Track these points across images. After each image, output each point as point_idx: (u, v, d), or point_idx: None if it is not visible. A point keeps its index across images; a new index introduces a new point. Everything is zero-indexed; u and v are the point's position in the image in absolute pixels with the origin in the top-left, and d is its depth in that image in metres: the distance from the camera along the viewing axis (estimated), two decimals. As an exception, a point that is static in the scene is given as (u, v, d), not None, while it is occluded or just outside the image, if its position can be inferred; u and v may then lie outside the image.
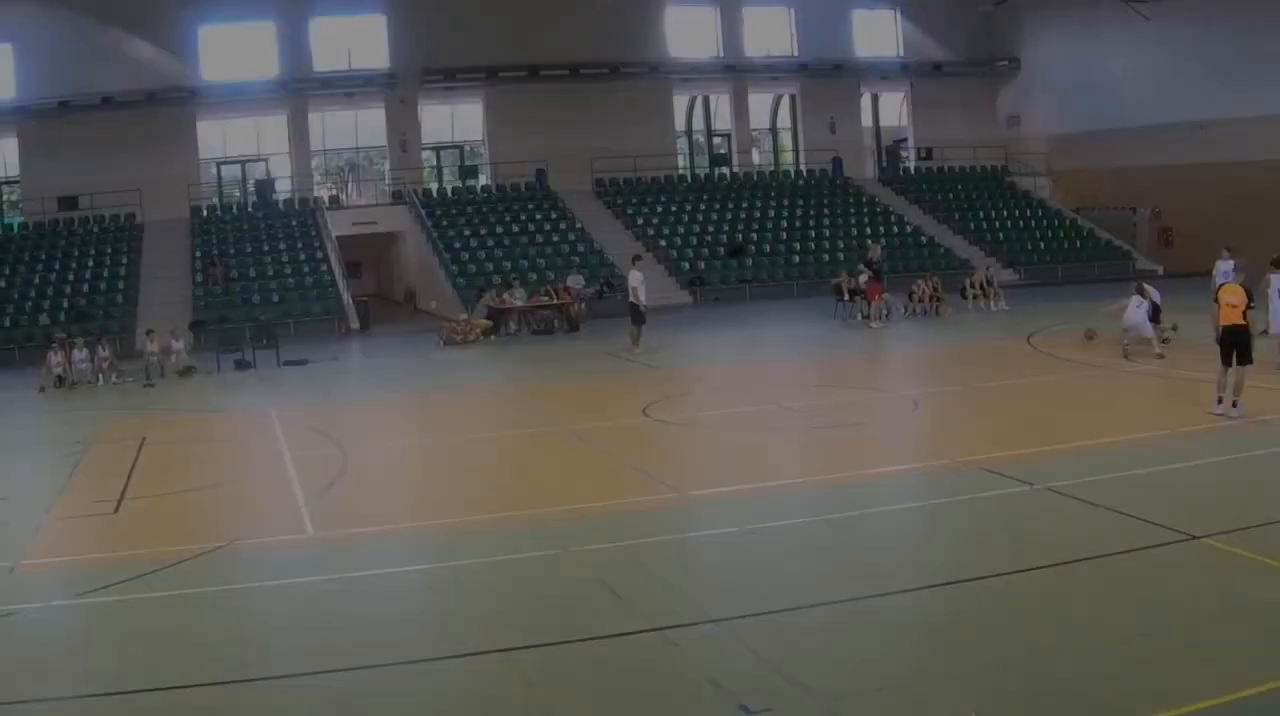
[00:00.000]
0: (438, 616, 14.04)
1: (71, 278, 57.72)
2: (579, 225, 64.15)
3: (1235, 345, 22.17)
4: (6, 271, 58.22)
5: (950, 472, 19.53)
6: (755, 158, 78.82)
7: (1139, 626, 12.11)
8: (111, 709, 11.79)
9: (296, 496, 20.66)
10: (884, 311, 43.88)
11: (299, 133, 68.95)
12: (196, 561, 16.47)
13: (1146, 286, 32.64)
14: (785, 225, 66.41)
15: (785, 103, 79.05)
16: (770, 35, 75.76)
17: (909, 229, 67.45)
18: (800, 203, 69.50)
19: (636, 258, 44.47)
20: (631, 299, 39.93)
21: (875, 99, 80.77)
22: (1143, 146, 63.88)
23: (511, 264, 57.80)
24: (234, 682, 12.07)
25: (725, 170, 75.55)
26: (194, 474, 23.56)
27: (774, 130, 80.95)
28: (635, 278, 40.17)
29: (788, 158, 79.42)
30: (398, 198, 66.47)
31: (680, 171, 74.94)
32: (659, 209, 67.54)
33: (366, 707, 11.46)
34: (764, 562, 15.37)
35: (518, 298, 50.61)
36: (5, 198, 70.67)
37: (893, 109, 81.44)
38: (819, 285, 55.26)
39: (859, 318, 44.30)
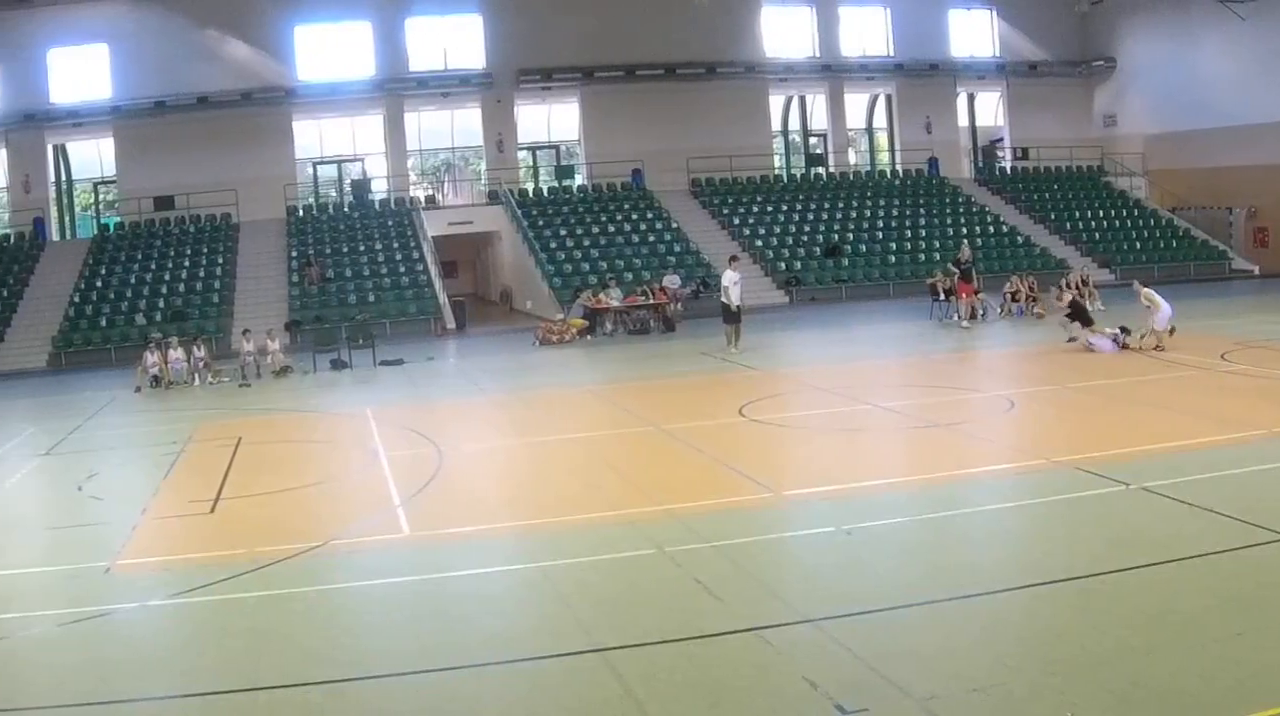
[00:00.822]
0: (534, 616, 13.99)
1: (168, 278, 58.41)
2: (675, 225, 64.17)
3: None
4: (103, 271, 59.08)
5: (1046, 472, 19.34)
6: (851, 158, 78.66)
7: (1237, 626, 11.89)
8: (209, 708, 11.85)
9: (392, 496, 20.75)
10: (980, 311, 43.67)
11: (395, 132, 69.47)
12: (292, 561, 16.59)
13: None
14: (881, 225, 66.28)
15: (881, 102, 78.99)
16: (866, 35, 75.74)
17: (1005, 228, 67.11)
18: (896, 203, 69.42)
19: (733, 258, 44.35)
20: (723, 299, 39.87)
21: (971, 99, 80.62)
22: (1239, 146, 63.35)
23: (607, 264, 57.91)
24: (330, 682, 12.10)
25: (821, 170, 75.56)
26: (290, 474, 23.73)
27: (870, 130, 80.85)
28: (728, 277, 40.12)
29: (884, 158, 79.42)
30: (494, 198, 66.76)
31: (776, 171, 75.11)
32: (755, 209, 67.52)
33: (463, 708, 11.45)
34: (860, 562, 15.28)
35: (613, 297, 50.62)
36: (102, 198, 71.65)
37: (988, 109, 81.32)
38: (915, 285, 55.07)
39: (954, 318, 44.00)
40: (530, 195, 68.49)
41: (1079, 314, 33.50)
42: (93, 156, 70.60)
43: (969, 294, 43.12)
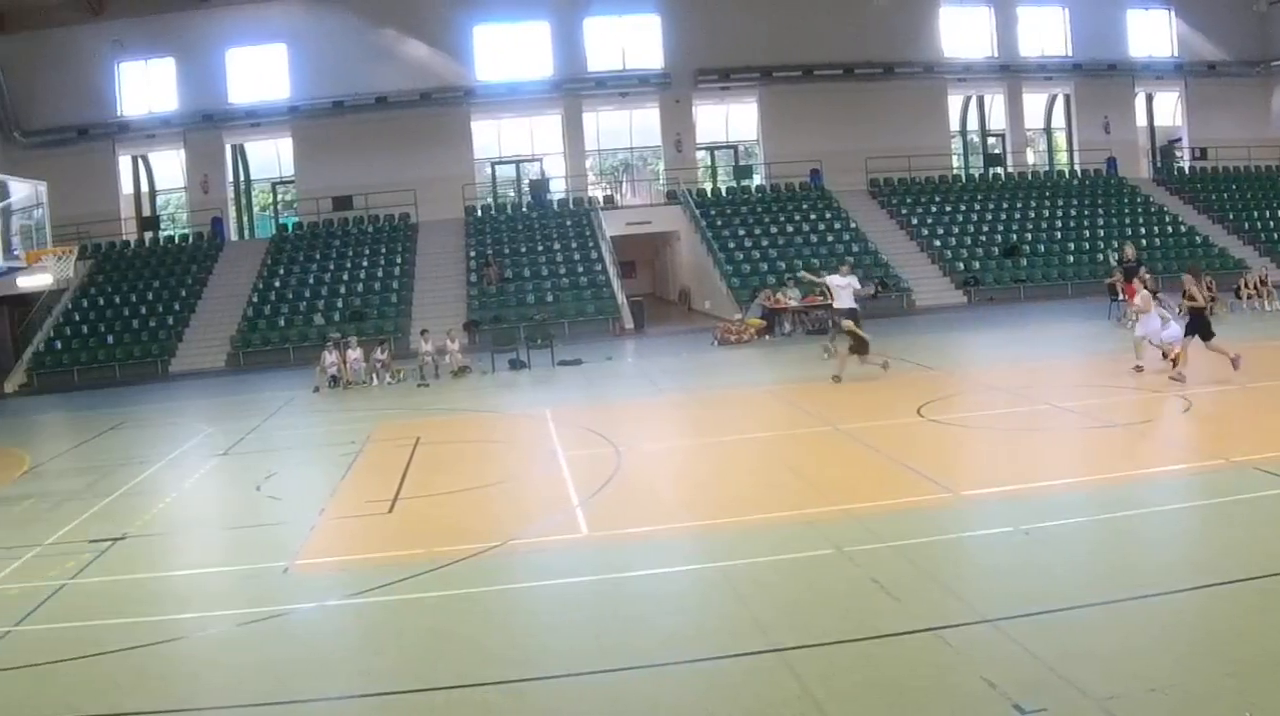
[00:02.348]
0: (712, 616, 13.88)
1: (346, 278, 59.31)
2: (853, 225, 63.91)
3: None
4: (281, 271, 60.15)
5: (1224, 472, 18.88)
6: (1029, 157, 78.25)
7: None
8: (386, 709, 11.91)
9: (571, 496, 20.77)
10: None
11: (573, 132, 70.01)
12: (470, 561, 16.65)
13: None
14: (1059, 225, 65.48)
15: (1059, 102, 78.24)
16: (1044, 35, 75.19)
17: (1183, 229, 65.94)
18: (1074, 203, 68.61)
19: (843, 264, 44.17)
20: (837, 303, 39.73)
21: (1149, 98, 79.67)
22: None
23: (786, 264, 57.70)
24: (508, 683, 12.12)
25: (999, 170, 75.04)
26: (468, 474, 23.87)
27: (1048, 130, 79.94)
28: (832, 280, 39.90)
29: (1062, 158, 78.67)
30: (672, 198, 66.96)
31: (955, 171, 74.78)
32: (933, 209, 67.12)
33: (640, 708, 11.40)
34: (1038, 562, 15.04)
35: (792, 297, 50.45)
36: (280, 198, 72.84)
37: (1167, 108, 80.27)
38: (1094, 285, 54.40)
39: (1120, 317, 43.29)
40: (709, 195, 68.59)
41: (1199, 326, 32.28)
42: (271, 156, 72.01)
43: (1135, 295, 42.45)
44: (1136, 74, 76.35)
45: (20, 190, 25.72)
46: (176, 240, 67.94)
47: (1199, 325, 28.79)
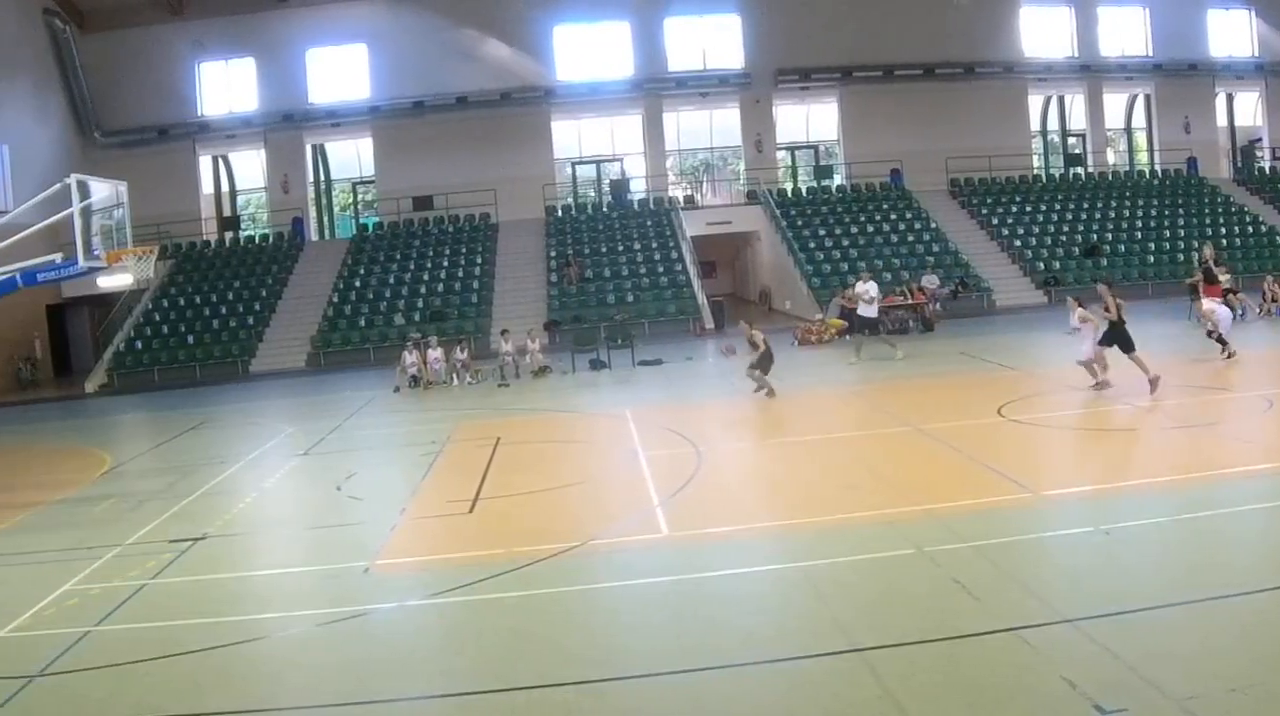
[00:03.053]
0: (792, 617, 13.89)
1: (426, 278, 59.60)
2: (934, 225, 63.70)
3: None
4: (361, 271, 60.52)
5: (1306, 473, 18.73)
6: (1110, 157, 78.07)
7: None
8: (466, 709, 11.94)
9: (651, 496, 20.78)
10: (1239, 311, 42.46)
11: (653, 132, 70.14)
12: (551, 561, 16.68)
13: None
14: (1140, 225, 64.98)
15: (1140, 102, 77.86)
16: (1124, 34, 74.81)
17: (1264, 229, 65.19)
18: (1155, 203, 68.02)
19: (866, 271, 44.07)
20: (862, 312, 39.73)
21: (1230, 98, 79.25)
22: None
23: (866, 264, 57.54)
24: (588, 683, 12.14)
25: (1080, 170, 74.63)
26: (549, 473, 23.91)
27: (1128, 130, 79.46)
28: (858, 290, 39.93)
29: (1142, 157, 78.23)
30: (752, 198, 66.93)
31: (1035, 171, 74.43)
32: (1014, 209, 66.74)
33: (721, 708, 11.43)
34: (1118, 562, 14.98)
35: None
36: (360, 197, 73.26)
37: (1247, 109, 79.76)
38: (1174, 285, 54.02)
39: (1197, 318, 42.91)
40: (789, 195, 68.57)
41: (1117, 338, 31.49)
42: (351, 156, 72.53)
43: (1215, 295, 42.07)
44: (1217, 74, 75.91)
45: (101, 190, 25.87)
46: (257, 240, 68.65)
47: (1116, 337, 28.66)
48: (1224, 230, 64.30)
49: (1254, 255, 60.34)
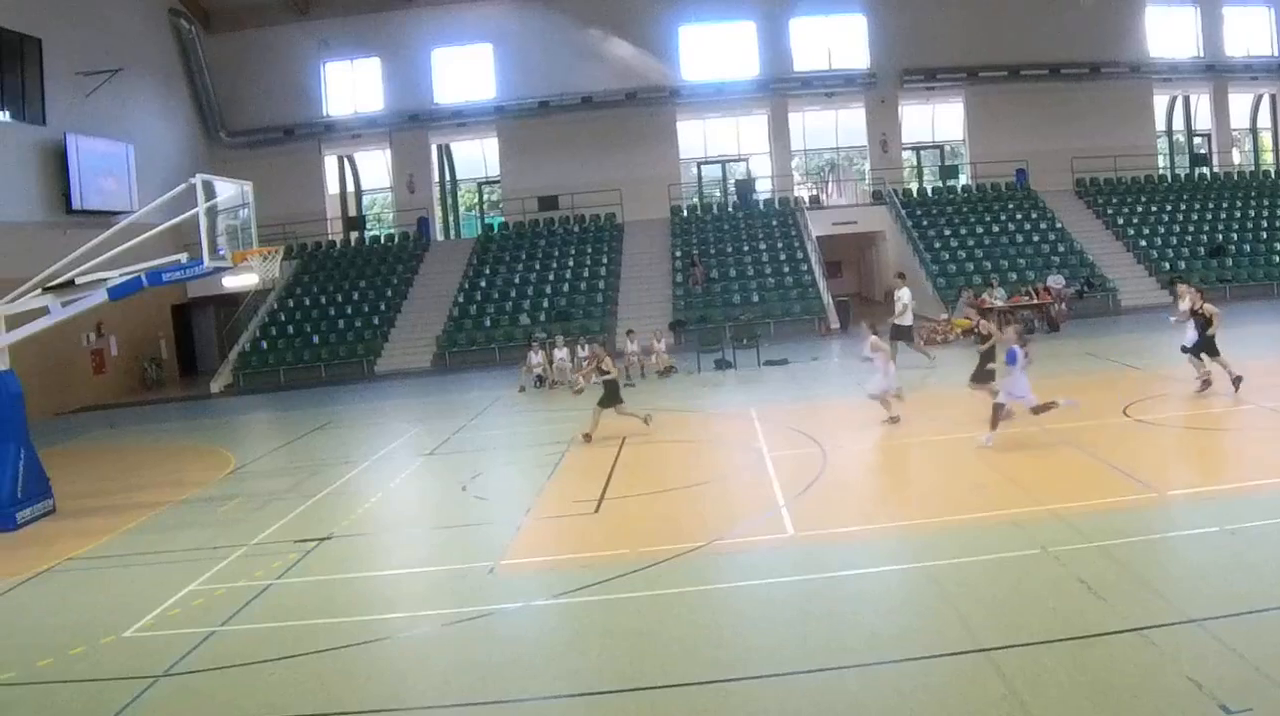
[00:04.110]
0: (918, 616, 13.93)
1: (551, 278, 59.81)
2: (1059, 225, 63.00)
3: None
4: (487, 271, 60.83)
5: None
6: (1235, 158, 76.70)
7: None
8: (592, 709, 12.03)
9: (777, 496, 20.79)
10: None
11: (779, 132, 69.98)
12: (676, 561, 16.72)
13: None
14: (1265, 225, 63.72)
15: (1265, 102, 76.57)
16: (1250, 34, 73.64)
17: (1390, 230, 63.71)
18: (1280, 203, 66.61)
19: (901, 275, 43.59)
20: (900, 321, 39.49)
21: (1357, 98, 77.29)
22: None
23: (991, 264, 57.09)
24: (714, 683, 12.20)
25: (1205, 170, 73.41)
26: (674, 473, 24.01)
27: (1254, 130, 78.15)
28: (906, 295, 39.66)
29: (1268, 158, 77.02)
30: (877, 198, 66.58)
31: (1160, 171, 73.22)
32: (1139, 209, 65.73)
33: (846, 708, 11.45)
34: (1244, 562, 14.85)
35: (997, 297, 49.95)
36: (486, 197, 73.59)
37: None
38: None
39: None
40: (914, 195, 68.25)
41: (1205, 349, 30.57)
42: (476, 156, 72.86)
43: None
44: (1344, 74, 74.50)
45: (226, 190, 26.18)
46: (382, 240, 69.18)
47: (1204, 341, 28.21)
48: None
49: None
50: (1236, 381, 27.39)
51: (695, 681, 12.22)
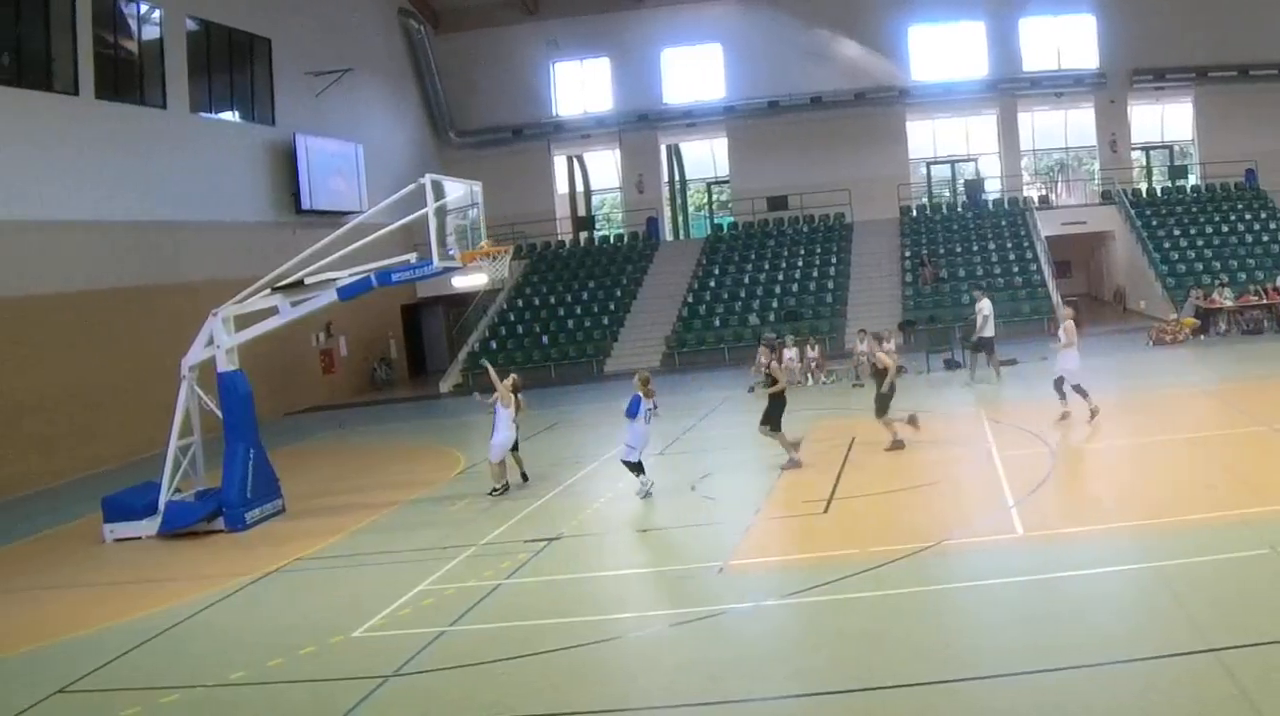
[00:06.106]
0: (1146, 616, 13.80)
1: (781, 278, 59.70)
2: (1289, 225, 61.41)
3: None
4: (716, 271, 60.90)
5: None
6: None
7: None
8: (822, 708, 12.08)
9: (1006, 496, 20.66)
10: None
11: (1008, 132, 69.13)
12: (904, 561, 16.69)
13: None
14: None
15: None
16: None
17: None
18: None
19: (978, 287, 42.56)
20: (983, 332, 38.57)
21: None
22: None
23: (1220, 264, 55.91)
24: (943, 682, 12.20)
25: None
26: (902, 473, 23.89)
27: None
28: (987, 306, 38.73)
29: None
30: (1107, 198, 65.50)
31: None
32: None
33: (1076, 708, 11.37)
34: None
35: (1226, 297, 48.97)
36: (715, 197, 73.71)
37: None
38: None
39: None
40: (1143, 195, 66.89)
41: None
42: (705, 156, 72.97)
43: None
44: None
45: (455, 190, 26.51)
46: (611, 240, 69.77)
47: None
48: None
49: None
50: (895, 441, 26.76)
51: (924, 681, 12.21)
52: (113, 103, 41.59)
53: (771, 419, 26.06)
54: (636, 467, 24.30)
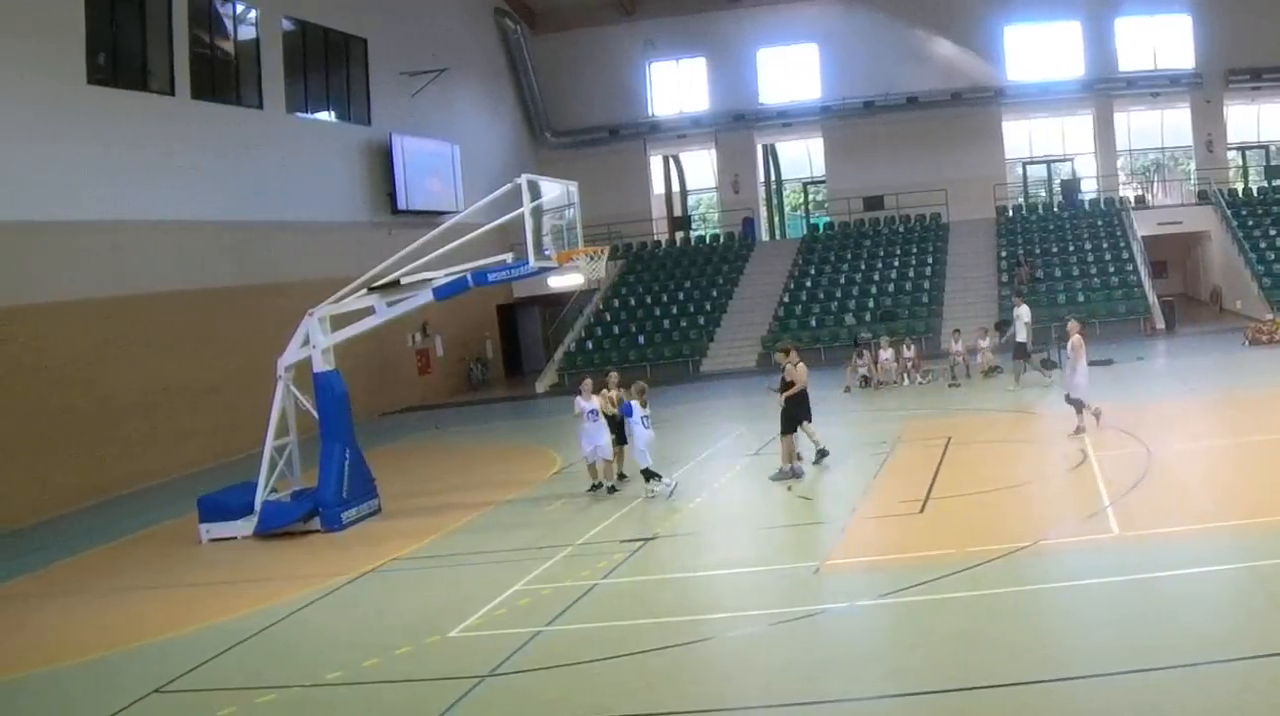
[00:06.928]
0: (1244, 616, 13.68)
1: (877, 278, 59.58)
2: (1389, 225, 60.67)
3: None
4: (812, 271, 60.83)
5: None
6: None
7: None
8: (919, 707, 12.10)
9: (1102, 496, 20.52)
10: None
11: (1104, 132, 68.63)
12: (1000, 561, 16.66)
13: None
14: None
15: None
16: None
17: None
18: None
19: (1018, 293, 42.05)
20: (1020, 337, 38.63)
21: None
22: None
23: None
24: (1039, 683, 12.16)
25: None
26: (999, 473, 23.82)
27: None
28: (1025, 313, 38.43)
29: None
30: (1203, 197, 64.89)
31: None
32: None
33: (1172, 708, 11.29)
34: None
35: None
36: (811, 197, 73.59)
37: None
38: None
39: None
40: (1240, 195, 66.19)
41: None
42: (801, 156, 72.90)
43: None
44: None
45: (551, 190, 26.62)
46: (707, 240, 69.78)
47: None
48: None
49: None
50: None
51: (1020, 681, 12.18)
52: (209, 103, 42.03)
53: (787, 421, 25.94)
54: (653, 475, 24.42)
